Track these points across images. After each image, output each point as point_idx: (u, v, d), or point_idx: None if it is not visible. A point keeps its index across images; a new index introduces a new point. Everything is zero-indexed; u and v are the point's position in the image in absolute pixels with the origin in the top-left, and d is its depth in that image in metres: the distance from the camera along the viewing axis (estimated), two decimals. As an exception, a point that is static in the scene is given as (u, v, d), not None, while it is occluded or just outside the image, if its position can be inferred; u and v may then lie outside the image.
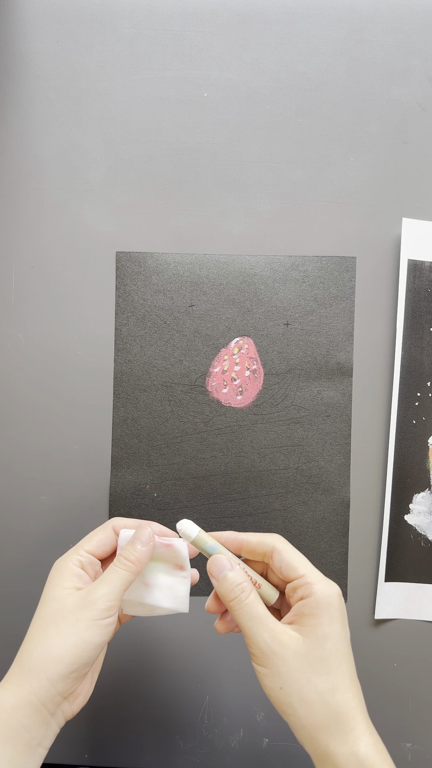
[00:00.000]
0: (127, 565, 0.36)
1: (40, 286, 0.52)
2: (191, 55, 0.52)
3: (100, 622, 0.34)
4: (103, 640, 0.34)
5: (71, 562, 0.37)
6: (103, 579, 0.36)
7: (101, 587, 0.35)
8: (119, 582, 0.35)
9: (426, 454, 0.51)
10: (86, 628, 0.34)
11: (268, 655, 0.33)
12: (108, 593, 0.35)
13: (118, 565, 0.36)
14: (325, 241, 0.52)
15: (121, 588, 0.35)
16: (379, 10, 0.52)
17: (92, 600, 0.35)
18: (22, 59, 0.52)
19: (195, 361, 0.52)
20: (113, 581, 0.35)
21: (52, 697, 0.33)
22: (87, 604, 0.34)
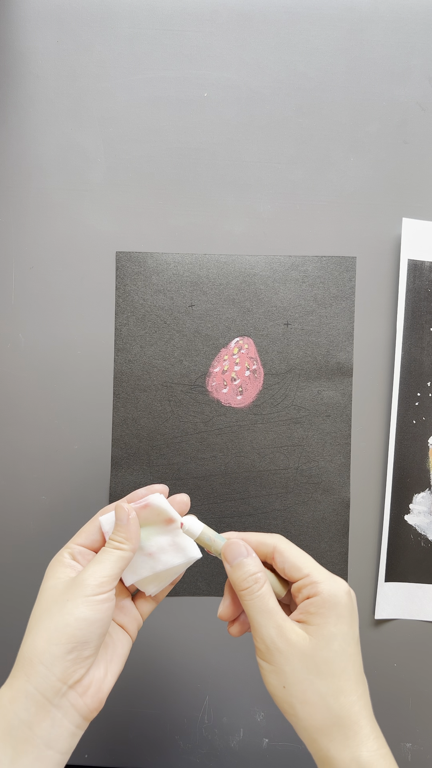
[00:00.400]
0: (116, 545, 0.35)
1: (40, 286, 0.52)
2: (191, 55, 0.52)
3: (92, 598, 0.33)
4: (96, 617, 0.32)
5: (62, 557, 0.36)
6: (94, 559, 0.35)
7: (91, 566, 0.34)
8: (110, 559, 0.34)
9: (426, 454, 0.51)
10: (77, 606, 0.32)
11: (273, 651, 0.33)
12: (98, 570, 0.34)
13: (109, 546, 0.35)
14: (325, 241, 0.52)
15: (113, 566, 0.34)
16: (379, 10, 0.52)
17: (82, 578, 0.33)
18: (22, 59, 0.52)
19: (195, 361, 0.52)
20: (104, 559, 0.34)
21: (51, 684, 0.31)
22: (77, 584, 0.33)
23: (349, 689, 0.32)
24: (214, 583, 0.52)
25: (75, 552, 0.37)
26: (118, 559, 0.34)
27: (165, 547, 0.37)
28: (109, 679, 0.35)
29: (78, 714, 0.33)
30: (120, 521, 0.36)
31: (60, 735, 0.32)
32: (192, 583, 0.52)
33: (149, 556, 0.37)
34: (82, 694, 0.33)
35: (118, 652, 0.36)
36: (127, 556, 0.35)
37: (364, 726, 0.32)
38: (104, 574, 0.34)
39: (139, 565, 0.37)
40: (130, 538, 0.35)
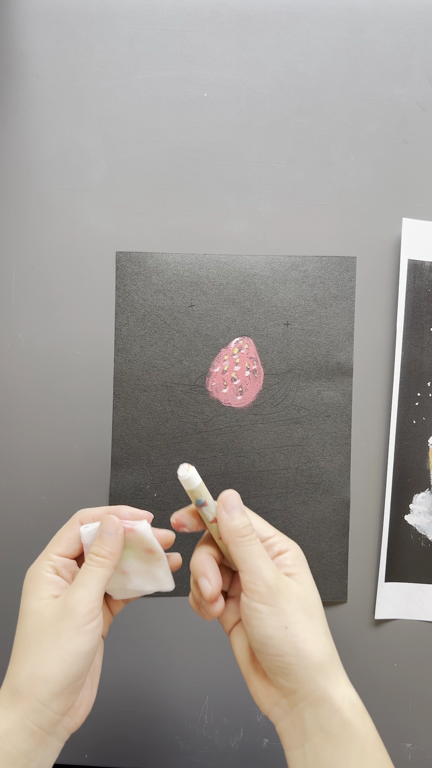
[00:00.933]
0: (100, 562, 0.34)
1: (40, 286, 0.52)
2: (191, 55, 0.52)
3: (84, 628, 0.32)
4: (90, 647, 0.33)
5: (43, 570, 0.35)
6: (78, 582, 0.34)
7: (78, 591, 0.33)
8: (96, 581, 0.34)
9: (426, 454, 0.51)
10: (70, 639, 0.32)
11: (274, 592, 0.33)
12: (86, 596, 0.33)
13: (91, 564, 0.34)
14: (325, 241, 0.52)
15: (99, 587, 0.34)
16: (379, 10, 0.52)
17: (71, 606, 0.33)
18: (22, 59, 0.52)
19: (195, 361, 0.52)
20: (89, 582, 0.34)
21: (48, 719, 0.32)
22: (66, 613, 0.33)
23: (328, 632, 0.34)
24: (214, 583, 0.52)
25: (58, 566, 0.36)
26: (102, 578, 0.34)
27: (140, 571, 0.37)
28: (93, 692, 0.36)
29: (67, 732, 0.34)
30: (108, 534, 0.35)
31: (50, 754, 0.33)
32: (192, 583, 0.52)
33: (123, 573, 0.37)
34: (74, 716, 0.34)
35: (97, 663, 0.37)
36: (109, 575, 0.35)
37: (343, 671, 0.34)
38: (92, 599, 0.33)
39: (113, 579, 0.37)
40: (114, 554, 0.35)
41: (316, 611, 0.34)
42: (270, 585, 0.33)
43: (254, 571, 0.34)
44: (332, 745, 0.32)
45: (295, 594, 0.34)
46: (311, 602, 0.34)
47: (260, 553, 0.34)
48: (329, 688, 0.32)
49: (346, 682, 0.33)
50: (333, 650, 0.34)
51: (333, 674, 0.33)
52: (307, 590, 0.35)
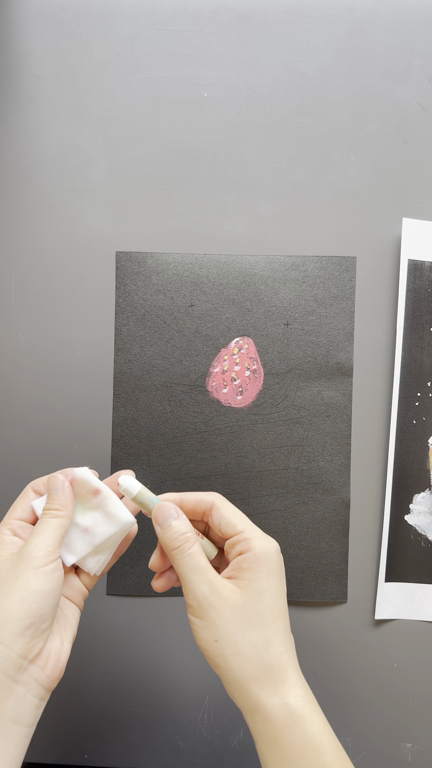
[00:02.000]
0: (53, 513, 0.35)
1: (40, 286, 0.52)
2: (191, 55, 0.52)
3: (42, 569, 0.33)
4: (49, 588, 0.33)
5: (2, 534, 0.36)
6: (35, 531, 0.35)
7: (34, 538, 0.34)
8: (51, 528, 0.34)
9: (426, 454, 0.51)
10: (28, 580, 0.32)
11: (205, 607, 0.33)
12: (41, 541, 0.34)
13: (46, 516, 0.35)
14: (325, 241, 0.52)
15: (54, 533, 0.34)
16: (379, 10, 0.52)
17: (27, 552, 0.34)
18: (22, 59, 0.52)
19: (195, 361, 0.52)
20: (44, 530, 0.34)
21: (12, 662, 0.31)
22: (23, 558, 0.33)
23: (278, 640, 0.34)
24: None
25: (14, 527, 0.37)
26: (57, 526, 0.35)
27: (98, 519, 0.37)
28: (65, 647, 0.35)
29: (40, 686, 0.33)
30: (55, 490, 0.36)
31: (25, 710, 0.32)
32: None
33: (85, 531, 0.37)
34: (43, 667, 0.33)
35: (70, 621, 0.37)
36: (65, 524, 0.35)
37: (292, 674, 0.33)
38: (48, 543, 0.34)
39: (77, 542, 0.37)
40: (66, 505, 0.36)
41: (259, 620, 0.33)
42: (200, 599, 0.34)
43: (186, 585, 0.34)
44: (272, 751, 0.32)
45: (231, 605, 0.33)
46: (254, 611, 0.34)
47: (192, 565, 0.34)
48: (263, 699, 0.32)
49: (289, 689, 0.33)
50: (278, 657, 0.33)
51: (270, 684, 0.33)
52: (252, 599, 0.34)
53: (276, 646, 0.33)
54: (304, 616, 0.52)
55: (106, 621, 0.52)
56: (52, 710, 0.52)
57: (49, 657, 0.34)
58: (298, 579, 0.51)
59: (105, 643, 0.52)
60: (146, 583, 0.52)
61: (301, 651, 0.52)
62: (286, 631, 0.34)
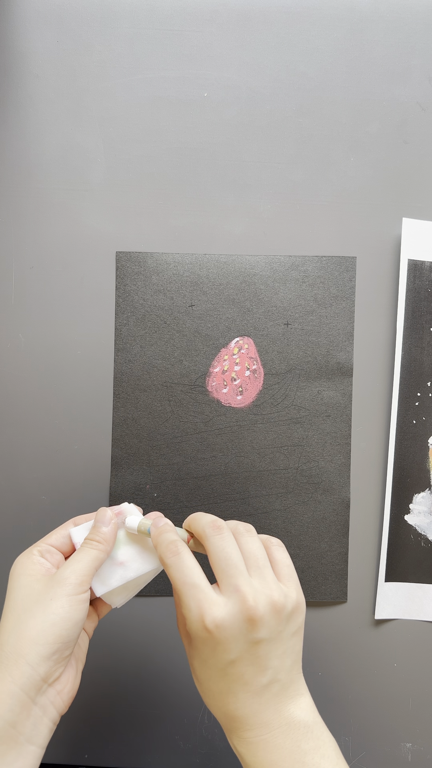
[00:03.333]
0: (94, 545, 0.36)
1: (40, 286, 0.52)
2: (191, 55, 0.52)
3: (75, 597, 0.34)
4: (79, 617, 0.34)
5: (30, 553, 0.37)
6: (73, 558, 0.36)
7: (72, 564, 0.35)
8: (89, 558, 0.35)
9: (426, 454, 0.51)
10: (62, 605, 0.33)
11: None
12: (79, 569, 0.35)
13: (86, 546, 0.36)
14: (325, 241, 0.52)
15: (91, 564, 0.35)
16: (379, 10, 0.52)
17: (64, 576, 0.34)
18: (22, 59, 0.52)
19: (195, 361, 0.52)
20: (83, 558, 0.35)
21: (35, 684, 0.32)
22: (58, 582, 0.34)
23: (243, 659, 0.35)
24: (214, 583, 0.52)
25: (43, 550, 0.37)
26: (94, 558, 0.36)
27: (135, 556, 0.38)
28: (77, 676, 0.36)
29: (55, 710, 0.34)
30: (101, 523, 0.37)
31: (40, 732, 0.33)
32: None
33: (120, 565, 0.38)
34: (60, 692, 0.34)
35: (82, 649, 0.38)
36: (101, 557, 0.36)
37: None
38: (84, 573, 0.35)
39: (110, 574, 0.38)
40: (107, 540, 0.37)
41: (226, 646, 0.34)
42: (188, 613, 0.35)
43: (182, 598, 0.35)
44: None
45: None
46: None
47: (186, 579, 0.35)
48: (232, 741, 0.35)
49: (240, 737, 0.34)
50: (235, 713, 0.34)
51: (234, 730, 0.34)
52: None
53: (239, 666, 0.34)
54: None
55: (107, 621, 0.52)
56: (52, 710, 0.52)
57: (66, 683, 0.35)
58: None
59: (105, 643, 0.52)
60: (146, 583, 0.52)
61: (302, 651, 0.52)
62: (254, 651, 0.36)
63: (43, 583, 0.35)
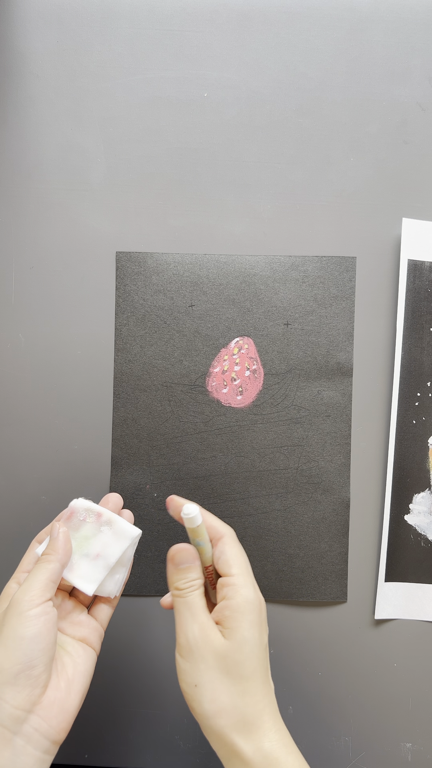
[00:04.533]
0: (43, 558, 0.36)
1: (40, 286, 0.52)
2: (191, 55, 0.52)
3: (26, 614, 0.33)
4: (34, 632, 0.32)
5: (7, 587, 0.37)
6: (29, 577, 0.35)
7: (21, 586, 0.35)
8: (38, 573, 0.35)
9: (426, 454, 0.51)
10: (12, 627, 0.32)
11: (192, 648, 0.34)
12: (27, 586, 0.34)
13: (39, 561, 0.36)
14: (325, 241, 0.52)
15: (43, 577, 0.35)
16: (379, 10, 0.52)
17: (14, 599, 0.34)
18: (22, 59, 0.52)
19: (195, 361, 0.52)
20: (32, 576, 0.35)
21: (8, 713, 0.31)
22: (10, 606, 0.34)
23: (255, 689, 0.34)
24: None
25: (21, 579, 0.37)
26: (45, 570, 0.35)
27: (107, 541, 0.38)
28: (72, 697, 0.35)
29: (44, 738, 0.32)
30: (51, 537, 0.38)
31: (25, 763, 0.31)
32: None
33: (97, 557, 0.38)
34: (45, 717, 0.33)
35: (79, 669, 0.36)
36: (52, 567, 0.36)
37: (267, 721, 0.34)
38: (34, 588, 0.34)
39: (92, 570, 0.38)
40: (56, 550, 0.36)
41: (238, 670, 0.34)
42: (189, 639, 0.34)
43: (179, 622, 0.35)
44: None
45: (215, 652, 0.34)
46: (234, 661, 0.34)
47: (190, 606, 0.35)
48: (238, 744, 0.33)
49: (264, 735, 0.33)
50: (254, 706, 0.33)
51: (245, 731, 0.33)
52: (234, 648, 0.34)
53: (252, 695, 0.34)
54: (304, 616, 0.52)
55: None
56: (52, 710, 0.52)
57: (52, 706, 0.33)
58: (298, 579, 0.51)
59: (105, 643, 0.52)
60: (146, 583, 0.52)
61: (301, 651, 0.52)
62: (265, 680, 0.35)
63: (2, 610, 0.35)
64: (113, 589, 0.39)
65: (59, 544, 0.37)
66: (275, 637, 0.52)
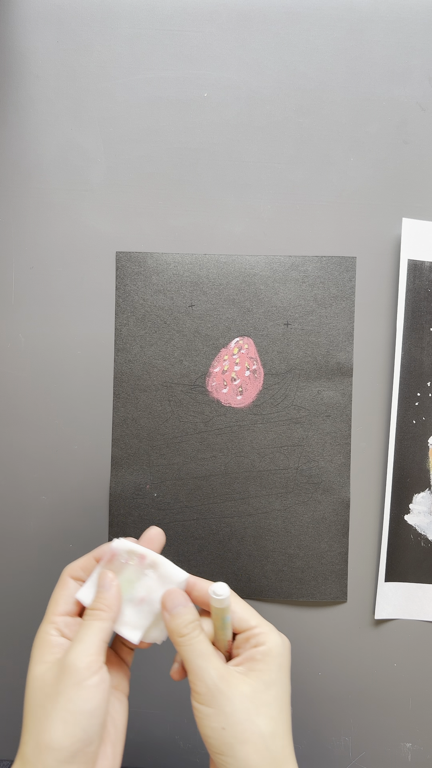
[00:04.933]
0: (95, 615, 0.34)
1: (40, 286, 0.52)
2: (191, 55, 0.52)
3: (84, 683, 0.31)
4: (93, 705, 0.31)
5: (47, 634, 0.34)
6: (76, 638, 0.33)
7: (75, 646, 0.32)
8: (93, 633, 0.33)
9: (426, 454, 0.51)
10: (70, 698, 0.30)
11: (214, 693, 0.33)
12: (83, 650, 0.32)
13: (88, 618, 0.34)
14: (325, 241, 0.52)
15: (96, 639, 0.33)
16: (379, 10, 0.52)
17: (69, 663, 0.31)
18: (22, 59, 0.52)
19: (195, 361, 0.52)
20: (85, 636, 0.33)
21: None
22: (64, 671, 0.31)
23: (282, 732, 0.33)
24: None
25: (61, 626, 0.35)
26: (99, 630, 0.33)
27: (152, 586, 0.36)
28: (117, 760, 0.34)
29: None
30: (102, 587, 0.35)
31: None
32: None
33: (142, 601, 0.36)
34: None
35: (119, 727, 0.35)
36: (107, 627, 0.34)
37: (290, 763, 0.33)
38: (91, 652, 0.32)
39: (137, 617, 0.36)
40: (111, 606, 0.34)
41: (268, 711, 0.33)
42: (209, 685, 0.33)
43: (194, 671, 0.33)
44: None
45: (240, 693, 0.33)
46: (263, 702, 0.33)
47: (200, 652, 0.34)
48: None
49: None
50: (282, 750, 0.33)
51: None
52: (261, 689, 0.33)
53: (281, 738, 0.33)
54: (304, 616, 0.52)
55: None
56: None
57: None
58: (298, 579, 0.51)
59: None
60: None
61: (301, 651, 0.52)
62: (289, 725, 0.34)
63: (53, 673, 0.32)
64: (159, 635, 0.37)
65: (111, 599, 0.34)
66: (275, 637, 0.52)
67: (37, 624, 0.50)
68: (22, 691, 0.53)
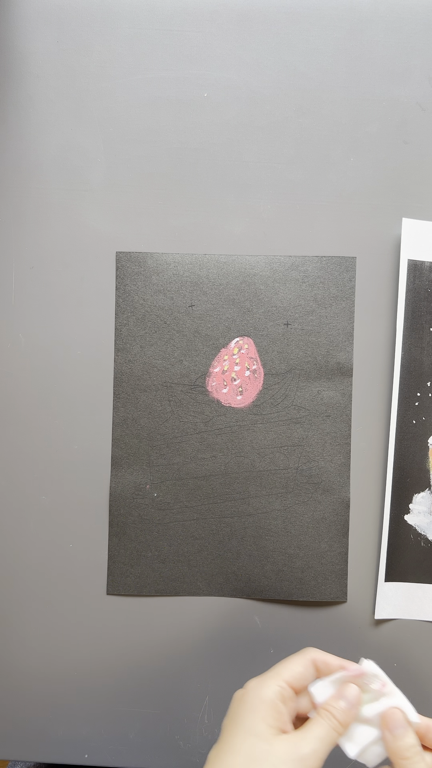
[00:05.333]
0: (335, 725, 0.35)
1: (40, 286, 0.52)
2: (191, 55, 0.52)
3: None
4: None
5: (274, 694, 0.35)
6: (314, 733, 0.34)
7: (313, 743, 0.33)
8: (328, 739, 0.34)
9: (426, 454, 0.51)
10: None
11: None
12: (319, 750, 0.33)
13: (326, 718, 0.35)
14: (325, 241, 0.52)
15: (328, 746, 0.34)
16: (379, 10, 0.52)
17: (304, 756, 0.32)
18: (22, 59, 0.52)
19: (195, 361, 0.52)
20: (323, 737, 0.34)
21: None
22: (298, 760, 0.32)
23: None
24: (214, 583, 0.52)
25: (286, 695, 0.36)
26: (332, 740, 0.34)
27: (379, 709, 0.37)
28: None
29: None
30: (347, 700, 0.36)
31: None
32: (192, 583, 0.52)
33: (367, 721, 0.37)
34: None
35: None
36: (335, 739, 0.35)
37: None
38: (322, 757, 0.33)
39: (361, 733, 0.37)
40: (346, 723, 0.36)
41: None
42: None
43: None
44: None
45: None
46: None
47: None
48: None
49: None
50: None
51: None
52: None
53: None
54: (304, 616, 0.52)
55: (106, 621, 0.52)
56: (52, 710, 0.52)
57: None
58: (298, 579, 0.51)
59: (105, 643, 0.52)
60: (146, 583, 0.52)
61: (301, 651, 0.52)
62: None
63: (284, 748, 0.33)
64: (372, 759, 0.37)
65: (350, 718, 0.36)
66: (275, 637, 0.52)
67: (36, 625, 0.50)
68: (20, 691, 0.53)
